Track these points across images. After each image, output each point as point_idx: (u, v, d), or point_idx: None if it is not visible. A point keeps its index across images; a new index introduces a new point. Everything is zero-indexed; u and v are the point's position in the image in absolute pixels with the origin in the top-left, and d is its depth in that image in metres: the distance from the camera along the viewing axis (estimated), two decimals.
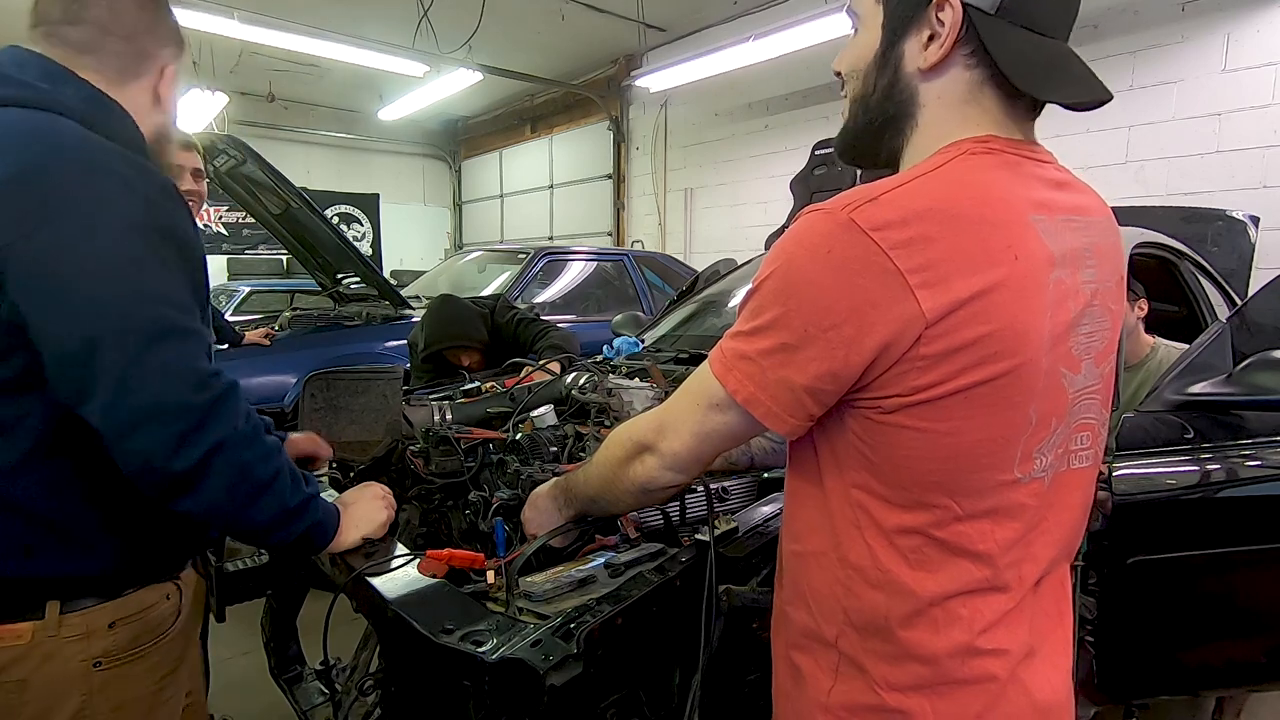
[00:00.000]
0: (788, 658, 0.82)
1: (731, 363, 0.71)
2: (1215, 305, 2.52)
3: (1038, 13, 0.69)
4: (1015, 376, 0.64)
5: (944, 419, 0.65)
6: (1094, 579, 1.45)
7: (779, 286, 0.67)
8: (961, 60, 0.70)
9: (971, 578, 0.70)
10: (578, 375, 1.93)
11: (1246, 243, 3.03)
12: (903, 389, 0.65)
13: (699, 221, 7.50)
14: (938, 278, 0.61)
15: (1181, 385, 1.53)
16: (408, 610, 0.95)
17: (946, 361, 0.63)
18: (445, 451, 1.51)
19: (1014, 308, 0.63)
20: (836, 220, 0.64)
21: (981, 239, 0.63)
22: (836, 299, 0.64)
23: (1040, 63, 0.69)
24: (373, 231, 10.10)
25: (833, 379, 0.66)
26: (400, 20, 5.99)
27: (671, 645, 1.00)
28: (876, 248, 0.62)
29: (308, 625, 1.77)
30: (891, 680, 0.72)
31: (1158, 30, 4.29)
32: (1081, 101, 0.71)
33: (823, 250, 0.64)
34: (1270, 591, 1.51)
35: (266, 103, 9.12)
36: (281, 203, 3.39)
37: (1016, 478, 0.69)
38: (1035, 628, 0.75)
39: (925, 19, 0.70)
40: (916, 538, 0.70)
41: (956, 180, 0.66)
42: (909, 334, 0.62)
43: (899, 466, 0.68)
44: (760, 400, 0.69)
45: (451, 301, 2.69)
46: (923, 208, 0.63)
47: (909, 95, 0.73)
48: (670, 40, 7.11)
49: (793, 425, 0.70)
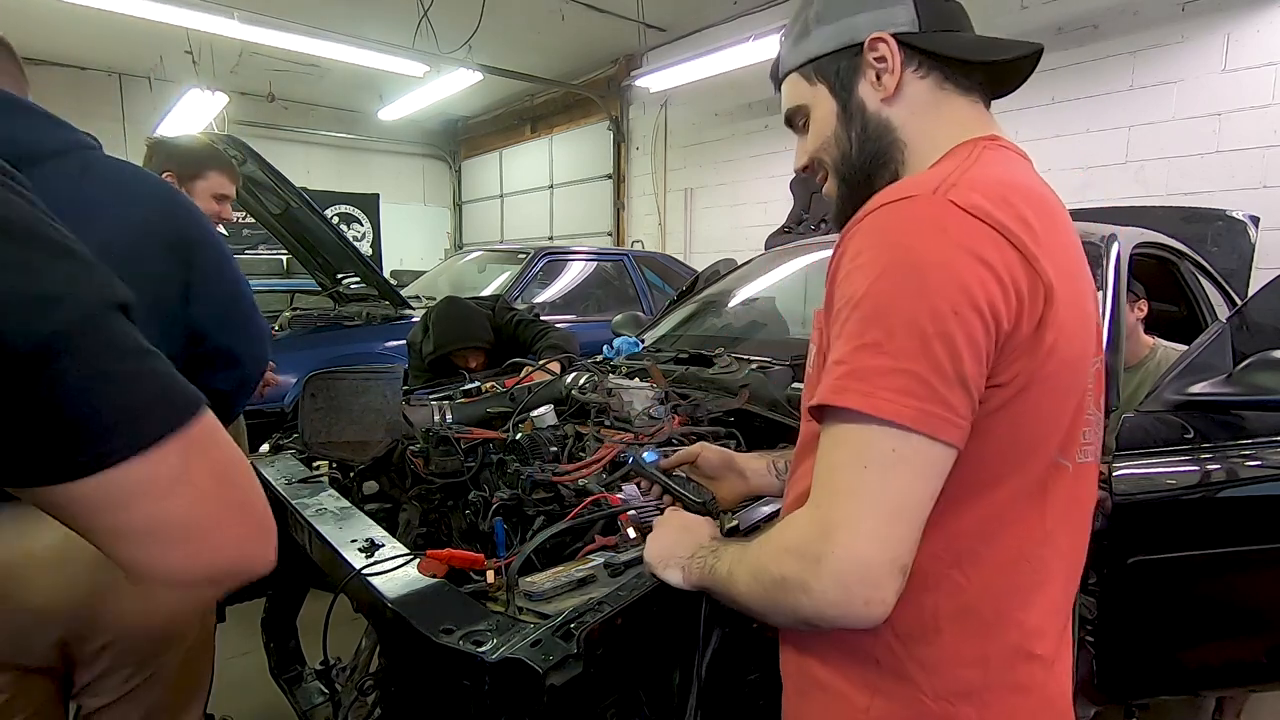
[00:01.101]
0: (806, 673, 0.77)
1: (873, 388, 0.58)
2: (1215, 305, 2.52)
3: (948, 16, 0.77)
4: (1079, 360, 0.67)
5: (1033, 406, 0.63)
6: (1094, 579, 1.45)
7: (902, 279, 0.59)
8: (912, 76, 0.76)
9: (1020, 571, 0.69)
10: (578, 375, 1.93)
11: (1246, 243, 3.03)
12: (1015, 372, 0.61)
13: (699, 221, 7.50)
14: (1043, 254, 0.62)
15: (1181, 385, 1.53)
16: (408, 610, 0.95)
17: (1052, 341, 0.62)
18: (445, 451, 1.51)
19: (1080, 291, 0.66)
20: (935, 202, 0.61)
21: (1051, 222, 0.65)
22: (974, 272, 0.58)
23: (973, 44, 0.77)
24: (373, 231, 10.09)
25: (989, 360, 0.59)
26: (400, 20, 5.99)
27: (671, 645, 1.00)
28: (986, 226, 0.60)
29: (308, 625, 1.77)
30: (940, 688, 0.69)
31: (1158, 30, 4.28)
32: (1023, 58, 0.76)
33: (938, 230, 0.60)
34: (1270, 591, 1.51)
35: (266, 103, 9.12)
36: (281, 203, 3.39)
37: (1062, 464, 0.70)
38: (1059, 629, 0.76)
39: (864, 64, 0.76)
40: (975, 536, 0.67)
41: (1004, 169, 0.69)
42: (1035, 308, 0.60)
43: (975, 460, 0.63)
44: (933, 413, 0.57)
45: (458, 303, 2.69)
46: (1000, 192, 0.63)
47: (884, 126, 0.77)
48: (670, 40, 7.11)
49: (966, 429, 0.60)
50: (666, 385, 1.84)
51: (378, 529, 1.27)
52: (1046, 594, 0.72)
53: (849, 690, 0.72)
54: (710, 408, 1.66)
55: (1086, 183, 4.60)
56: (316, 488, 1.52)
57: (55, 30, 6.88)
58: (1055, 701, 0.74)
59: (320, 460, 1.69)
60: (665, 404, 1.68)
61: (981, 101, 0.78)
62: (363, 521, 1.32)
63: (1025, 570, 0.69)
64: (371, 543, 1.18)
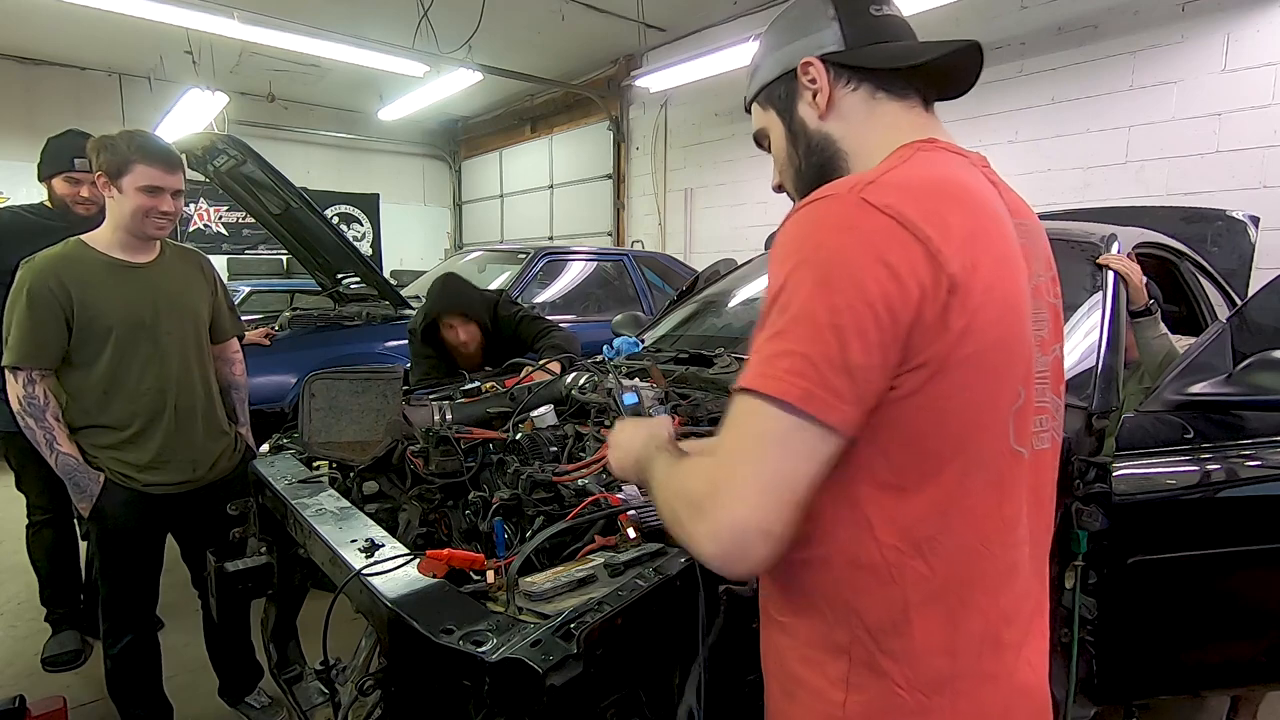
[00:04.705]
0: (786, 672, 0.80)
1: (771, 370, 0.64)
2: (1215, 305, 2.52)
3: (878, 30, 0.82)
4: (1012, 344, 0.69)
5: (958, 391, 0.67)
6: (1094, 579, 1.45)
7: (808, 274, 0.65)
8: (845, 91, 0.82)
9: (983, 558, 0.71)
10: (578, 375, 1.93)
11: (1246, 243, 3.04)
12: (927, 357, 0.65)
13: (699, 221, 7.50)
14: (953, 247, 0.65)
15: (1181, 385, 1.53)
16: (408, 610, 0.95)
17: (963, 326, 0.65)
18: (445, 451, 1.51)
19: (1005, 277, 0.69)
20: (849, 200, 0.66)
21: (972, 215, 0.69)
22: (871, 271, 0.63)
23: (897, 52, 0.81)
24: (373, 231, 10.09)
25: (880, 350, 0.63)
26: (400, 20, 5.99)
27: (671, 645, 1.00)
28: (894, 221, 0.64)
29: (308, 625, 1.77)
30: (912, 679, 0.71)
31: (1158, 30, 4.29)
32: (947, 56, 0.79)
33: (846, 227, 0.65)
34: (1270, 591, 1.51)
35: (266, 103, 9.12)
36: (281, 203, 3.38)
37: (1017, 450, 0.72)
38: (1028, 615, 0.78)
39: (800, 86, 0.84)
40: (930, 523, 0.69)
41: (932, 169, 0.73)
42: (938, 298, 0.64)
43: (913, 448, 0.68)
44: (816, 394, 0.62)
45: (454, 276, 2.72)
46: (920, 189, 0.68)
47: (825, 139, 0.84)
48: (670, 40, 7.11)
49: (851, 417, 0.64)
50: (666, 385, 1.84)
51: (378, 529, 1.27)
52: (1013, 581, 0.74)
53: (825, 687, 0.74)
54: (710, 408, 1.66)
55: (1086, 183, 4.60)
56: (316, 488, 1.52)
57: (55, 30, 6.88)
58: (1027, 690, 0.76)
59: (320, 460, 1.69)
60: (665, 404, 1.68)
61: (921, 105, 0.83)
62: (363, 521, 1.32)
63: (988, 558, 0.72)
64: (371, 543, 1.18)
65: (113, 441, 1.88)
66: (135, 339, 1.86)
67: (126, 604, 1.95)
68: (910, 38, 0.84)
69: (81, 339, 1.81)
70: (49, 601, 2.64)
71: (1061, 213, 3.48)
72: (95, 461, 1.87)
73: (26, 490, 2.55)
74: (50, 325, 1.77)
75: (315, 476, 1.60)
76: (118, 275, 1.86)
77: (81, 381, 1.84)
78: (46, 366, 1.79)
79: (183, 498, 1.98)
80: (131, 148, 1.79)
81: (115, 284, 1.84)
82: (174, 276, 1.97)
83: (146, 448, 1.89)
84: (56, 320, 1.77)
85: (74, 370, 1.84)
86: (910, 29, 0.85)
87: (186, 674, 2.38)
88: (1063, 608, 1.44)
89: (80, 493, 1.84)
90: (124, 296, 1.85)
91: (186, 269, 2.03)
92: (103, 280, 1.83)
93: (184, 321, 1.96)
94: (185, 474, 1.96)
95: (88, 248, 1.85)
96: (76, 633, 2.63)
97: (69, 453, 1.81)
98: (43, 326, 1.76)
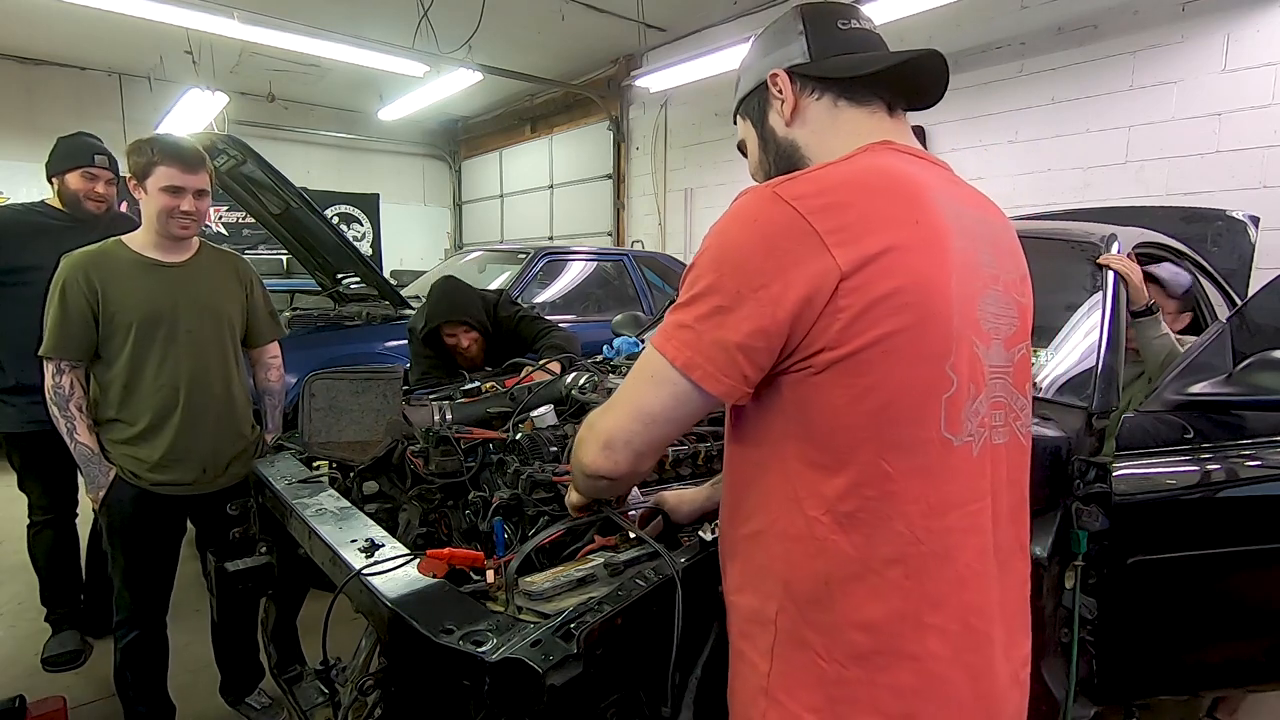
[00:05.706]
0: (733, 648, 0.85)
1: (670, 333, 0.76)
2: (1215, 305, 2.52)
3: (843, 42, 0.87)
4: (927, 327, 0.71)
5: (866, 372, 0.70)
6: (1094, 579, 1.45)
7: (713, 257, 0.75)
8: (809, 100, 0.89)
9: (907, 540, 0.73)
10: (578, 375, 1.93)
11: (1246, 243, 3.03)
12: (827, 342, 0.70)
13: (699, 221, 7.49)
14: (850, 237, 0.69)
15: (1181, 385, 1.53)
16: (408, 610, 0.95)
17: (863, 313, 0.69)
18: (445, 451, 1.51)
19: (921, 264, 0.71)
20: (763, 195, 0.74)
21: (888, 204, 0.73)
22: (764, 261, 0.71)
23: (857, 62, 0.86)
24: (373, 231, 10.08)
25: (764, 335, 0.71)
26: (400, 20, 5.99)
27: (671, 645, 1.00)
28: (796, 213, 0.70)
29: (308, 625, 1.77)
30: (832, 649, 0.74)
31: (1158, 30, 4.28)
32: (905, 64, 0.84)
33: (750, 220, 0.73)
34: (1270, 591, 1.51)
35: (266, 103, 9.12)
36: (281, 203, 3.38)
37: (947, 438, 0.74)
38: (988, 614, 0.78)
39: (769, 98, 0.91)
40: (852, 501, 0.73)
41: (864, 164, 0.78)
42: (826, 286, 0.69)
43: (831, 427, 0.73)
44: (697, 363, 0.73)
45: (453, 281, 2.70)
46: (836, 181, 0.74)
47: (791, 145, 0.90)
48: (670, 40, 7.11)
49: (728, 386, 0.74)
50: None
51: (378, 529, 1.27)
52: (946, 565, 0.75)
53: (756, 658, 0.80)
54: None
55: (1086, 183, 4.60)
56: (316, 488, 1.53)
57: (55, 30, 6.88)
58: (976, 681, 0.76)
59: (320, 460, 1.69)
60: None
61: (885, 111, 0.88)
62: (363, 521, 1.32)
63: (914, 542, 0.73)
64: (371, 543, 1.18)
65: (126, 437, 1.91)
66: (152, 335, 1.89)
67: (134, 598, 1.97)
68: (879, 49, 0.89)
69: (107, 333, 1.86)
70: (49, 601, 2.64)
71: (1061, 213, 3.49)
72: (109, 457, 1.91)
73: (28, 491, 2.55)
74: (76, 319, 1.83)
75: (315, 476, 1.60)
76: (144, 273, 1.90)
77: (107, 375, 1.89)
78: (74, 358, 1.85)
79: (192, 500, 1.99)
80: (154, 150, 1.85)
81: (140, 281, 1.89)
82: (204, 277, 2.00)
83: (156, 445, 1.91)
84: (83, 314, 1.83)
85: (101, 365, 1.90)
86: (881, 41, 0.90)
87: (187, 674, 2.38)
88: (1063, 608, 1.44)
89: (92, 482, 1.89)
90: (146, 293, 1.89)
91: (219, 271, 2.06)
92: (128, 277, 1.88)
93: (206, 321, 1.98)
94: (194, 475, 1.97)
95: (124, 246, 1.92)
96: (77, 633, 2.63)
97: (85, 443, 1.86)
98: (70, 320, 1.83)
